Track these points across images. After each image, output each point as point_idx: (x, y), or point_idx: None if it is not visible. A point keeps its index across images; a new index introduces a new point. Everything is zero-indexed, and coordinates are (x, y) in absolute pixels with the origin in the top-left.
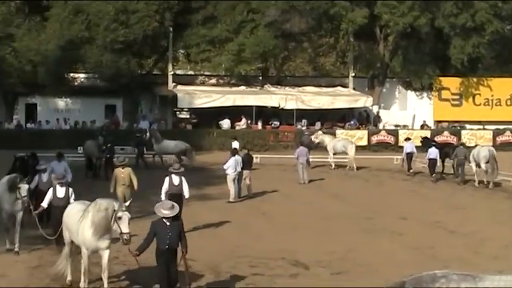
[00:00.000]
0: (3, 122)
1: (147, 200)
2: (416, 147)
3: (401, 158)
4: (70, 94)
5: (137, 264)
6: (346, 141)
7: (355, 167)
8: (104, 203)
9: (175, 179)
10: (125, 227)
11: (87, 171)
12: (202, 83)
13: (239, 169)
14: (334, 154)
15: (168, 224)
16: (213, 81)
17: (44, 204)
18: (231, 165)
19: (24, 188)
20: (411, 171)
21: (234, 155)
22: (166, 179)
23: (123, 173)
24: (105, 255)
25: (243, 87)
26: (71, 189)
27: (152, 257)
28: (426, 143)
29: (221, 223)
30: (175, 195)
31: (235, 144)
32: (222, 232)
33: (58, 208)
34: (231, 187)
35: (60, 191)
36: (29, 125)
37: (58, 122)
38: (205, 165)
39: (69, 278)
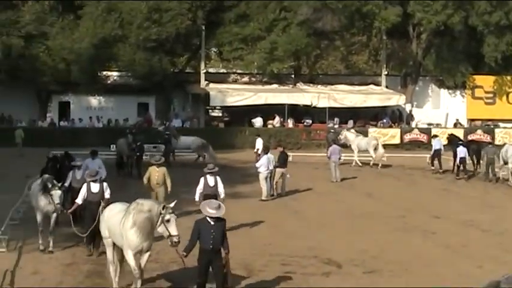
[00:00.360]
0: (37, 120)
1: (179, 199)
2: (444, 145)
3: (429, 156)
4: (103, 92)
5: (183, 264)
6: (370, 138)
7: (372, 163)
8: (146, 204)
9: (210, 180)
10: (173, 230)
11: (118, 169)
12: (235, 81)
13: (271, 167)
14: (358, 152)
15: (212, 223)
16: (246, 79)
17: (79, 200)
18: (264, 164)
19: (56, 194)
20: (433, 168)
21: (267, 153)
22: (201, 180)
23: (157, 172)
24: (145, 257)
25: (275, 86)
26: (105, 184)
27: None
28: (452, 141)
29: (253, 221)
30: (211, 197)
31: (259, 142)
32: (254, 230)
33: (93, 203)
34: (264, 185)
35: (94, 186)
36: (62, 123)
37: (91, 120)
38: (238, 164)
39: (115, 285)
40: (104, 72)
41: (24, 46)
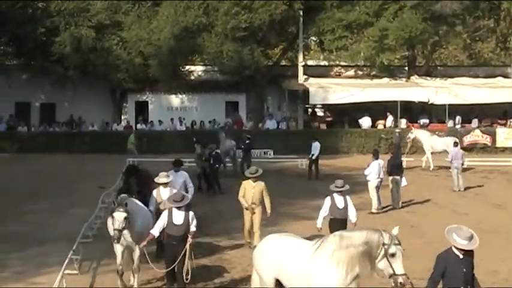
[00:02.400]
0: (111, 122)
1: (278, 214)
2: None
3: None
4: (186, 90)
5: None
6: (449, 138)
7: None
8: (356, 236)
9: (339, 200)
10: (399, 267)
11: (199, 183)
12: (338, 75)
13: (382, 175)
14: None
15: (461, 257)
16: (351, 72)
17: (155, 232)
18: (374, 171)
19: (119, 217)
20: None
21: (377, 158)
22: (327, 200)
23: (253, 188)
24: None
25: (385, 80)
26: (191, 213)
27: None
28: None
29: None
30: (339, 222)
31: (316, 146)
32: None
33: (174, 238)
34: (374, 196)
35: (178, 216)
36: (139, 126)
37: (172, 122)
38: (343, 171)
39: None
40: (187, 67)
41: (95, 38)
